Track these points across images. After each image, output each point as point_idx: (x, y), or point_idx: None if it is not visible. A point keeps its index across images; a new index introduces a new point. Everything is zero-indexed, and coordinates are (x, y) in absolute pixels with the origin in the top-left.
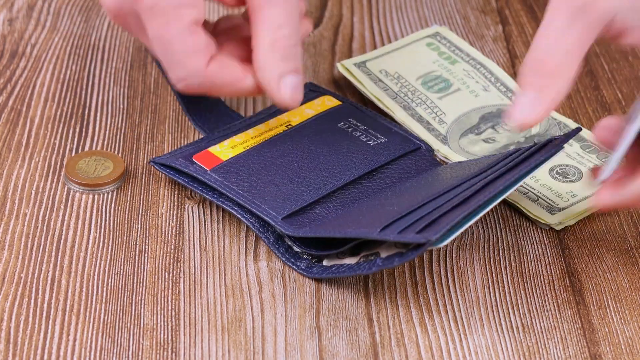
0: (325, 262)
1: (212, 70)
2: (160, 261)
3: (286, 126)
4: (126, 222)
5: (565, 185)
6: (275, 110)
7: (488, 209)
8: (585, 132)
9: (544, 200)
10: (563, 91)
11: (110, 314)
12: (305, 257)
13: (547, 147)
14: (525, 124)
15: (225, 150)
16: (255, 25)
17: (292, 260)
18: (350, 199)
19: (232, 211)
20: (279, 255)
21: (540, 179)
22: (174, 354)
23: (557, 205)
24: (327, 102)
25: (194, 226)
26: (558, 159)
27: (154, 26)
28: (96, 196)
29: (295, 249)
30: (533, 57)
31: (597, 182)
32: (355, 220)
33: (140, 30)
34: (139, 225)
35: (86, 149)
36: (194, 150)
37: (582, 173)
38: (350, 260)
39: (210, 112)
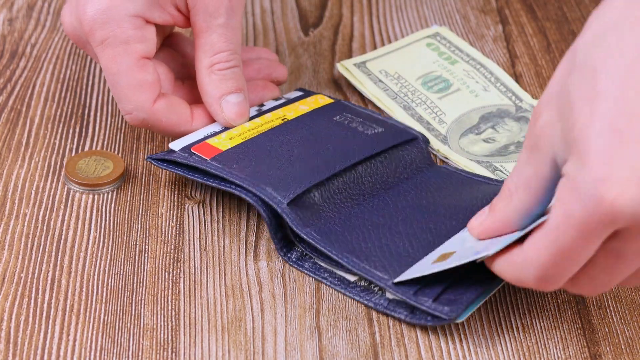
0: (318, 260)
1: (158, 108)
2: (160, 261)
3: (282, 120)
4: (126, 222)
5: None
6: (267, 109)
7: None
8: None
9: None
10: (511, 216)
11: (110, 314)
12: (296, 248)
13: None
14: (478, 235)
15: (224, 141)
16: (197, 50)
17: (284, 251)
18: (349, 189)
19: (236, 192)
20: (275, 242)
21: None
22: (174, 354)
23: None
24: (320, 100)
25: (194, 226)
26: None
27: (104, 59)
28: (96, 196)
29: (292, 237)
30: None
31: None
32: (364, 248)
33: (96, 58)
34: (139, 225)
35: (86, 149)
36: (192, 142)
37: None
38: (347, 276)
39: None
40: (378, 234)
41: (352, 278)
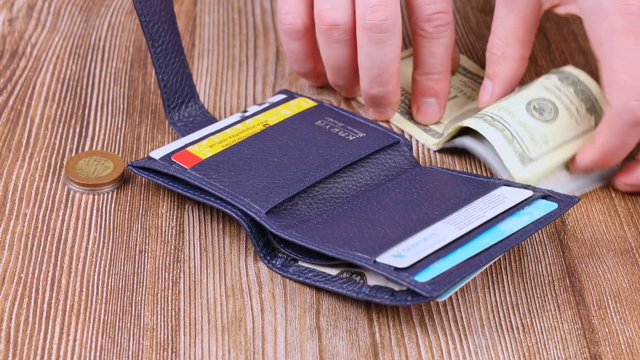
0: (301, 262)
1: None
2: (160, 261)
3: (263, 125)
4: (126, 222)
5: (540, 126)
6: (251, 114)
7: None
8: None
9: (519, 144)
10: (512, 73)
11: (110, 314)
12: (280, 255)
13: (546, 216)
14: (487, 105)
15: (204, 149)
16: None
17: (268, 258)
18: (332, 195)
19: (215, 205)
20: (257, 250)
21: (516, 114)
22: (174, 354)
23: (530, 153)
24: (303, 104)
25: (194, 226)
26: (535, 91)
27: None
28: (96, 196)
29: (275, 244)
30: (487, 49)
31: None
32: (345, 237)
33: None
34: (139, 225)
35: (86, 149)
36: (172, 150)
37: (558, 111)
38: (329, 270)
39: (191, 117)
40: (360, 226)
41: (334, 272)
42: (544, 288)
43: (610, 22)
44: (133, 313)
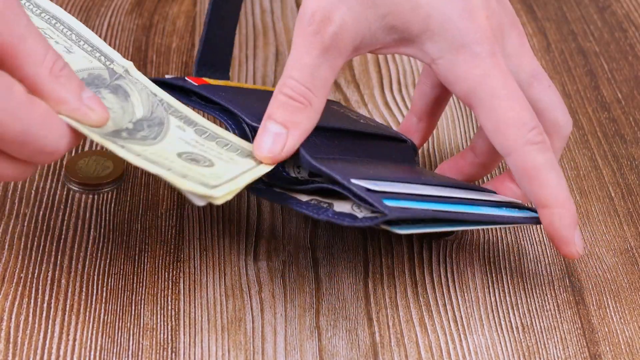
0: (276, 189)
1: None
2: (160, 261)
3: None
4: (126, 222)
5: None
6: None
7: (461, 228)
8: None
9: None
10: (313, 123)
11: (110, 313)
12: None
13: (526, 218)
14: (274, 160)
15: (218, 82)
16: None
17: None
18: (339, 143)
19: (215, 114)
20: None
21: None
22: (174, 354)
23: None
24: None
25: (194, 226)
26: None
27: None
28: (96, 196)
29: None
30: (284, 91)
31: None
32: (334, 164)
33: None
34: (139, 225)
35: (86, 149)
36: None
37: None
38: (300, 196)
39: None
40: (355, 162)
41: (304, 198)
42: (543, 288)
43: (484, 67)
44: (133, 313)
